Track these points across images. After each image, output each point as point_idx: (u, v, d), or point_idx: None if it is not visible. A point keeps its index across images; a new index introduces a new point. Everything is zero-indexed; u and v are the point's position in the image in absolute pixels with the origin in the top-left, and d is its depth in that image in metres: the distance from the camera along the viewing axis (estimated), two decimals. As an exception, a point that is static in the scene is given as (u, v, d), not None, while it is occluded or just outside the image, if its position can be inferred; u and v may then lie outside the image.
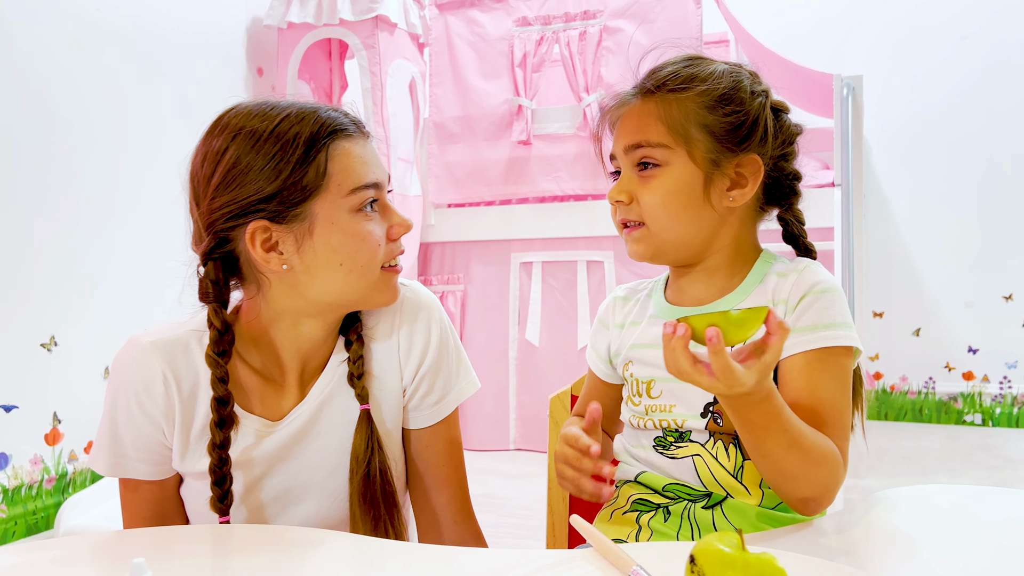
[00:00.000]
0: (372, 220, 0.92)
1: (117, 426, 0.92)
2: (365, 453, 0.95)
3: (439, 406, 1.04)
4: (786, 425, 0.80)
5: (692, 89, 0.93)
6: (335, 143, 0.90)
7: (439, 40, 3.67)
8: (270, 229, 0.89)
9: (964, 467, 3.15)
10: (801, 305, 0.91)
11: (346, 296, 0.93)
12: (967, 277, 3.94)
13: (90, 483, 2.76)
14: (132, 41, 2.99)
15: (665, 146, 0.92)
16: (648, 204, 0.93)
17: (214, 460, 0.90)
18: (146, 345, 0.92)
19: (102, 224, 2.85)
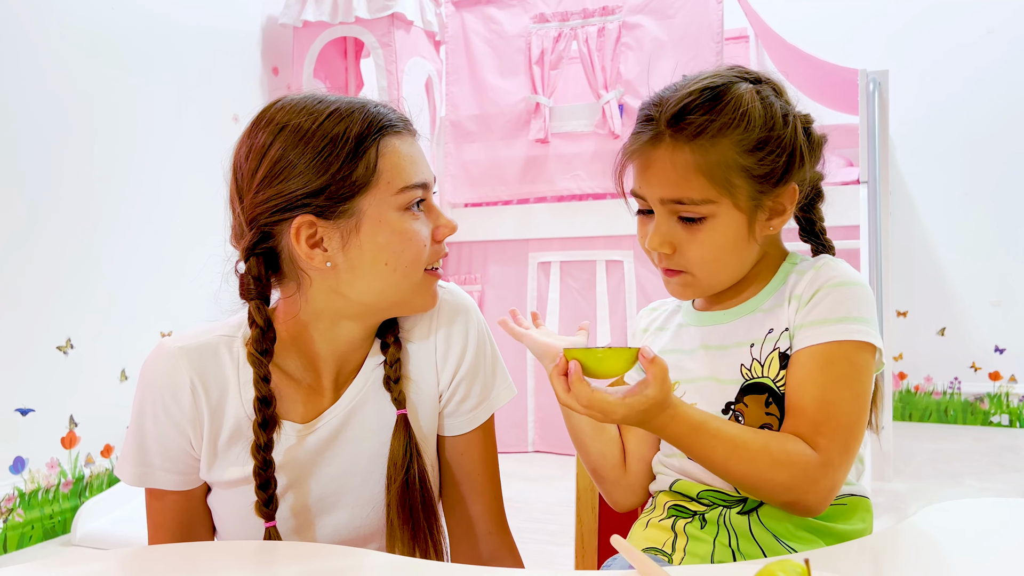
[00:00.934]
0: (419, 220, 0.90)
1: (144, 434, 0.91)
2: (404, 459, 0.93)
3: (476, 412, 1.02)
4: (714, 440, 0.83)
5: (728, 136, 0.87)
6: (385, 140, 0.88)
7: (455, 38, 3.63)
8: (316, 225, 0.87)
9: (992, 469, 3.08)
10: (813, 299, 0.89)
11: (387, 297, 0.91)
12: (992, 275, 3.86)
13: (107, 487, 2.74)
14: (147, 41, 2.97)
15: (710, 201, 0.87)
16: (695, 258, 0.89)
17: (258, 463, 0.88)
18: (174, 351, 0.90)
19: (118, 225, 2.83)
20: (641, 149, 0.90)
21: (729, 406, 0.91)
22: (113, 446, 2.81)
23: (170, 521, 0.94)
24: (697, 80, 0.90)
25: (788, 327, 0.90)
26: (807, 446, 0.83)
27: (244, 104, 3.47)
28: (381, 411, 0.96)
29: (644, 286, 3.36)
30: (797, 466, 0.82)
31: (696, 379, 0.95)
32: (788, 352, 0.89)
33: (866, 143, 2.83)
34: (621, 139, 3.32)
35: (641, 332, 1.06)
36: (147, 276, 2.95)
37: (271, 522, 0.89)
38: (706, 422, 0.83)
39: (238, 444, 0.91)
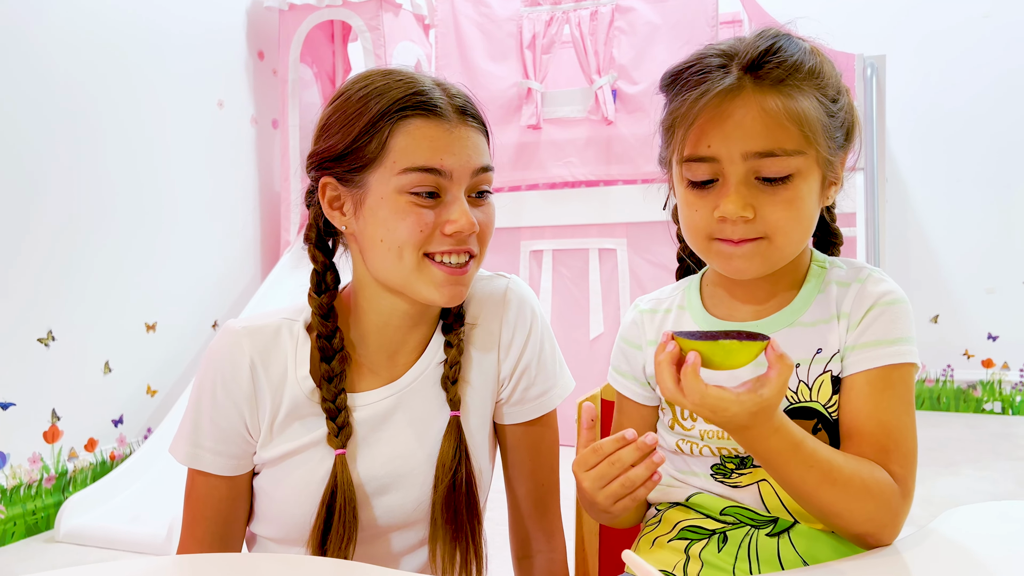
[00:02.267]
0: (424, 207, 0.88)
1: (200, 413, 0.93)
2: (452, 461, 0.93)
3: (540, 401, 1.01)
4: (810, 460, 0.75)
5: (811, 84, 0.80)
6: (408, 120, 0.87)
7: (445, 21, 3.56)
8: (337, 188, 0.91)
9: (988, 458, 3.07)
10: (867, 319, 0.83)
11: (392, 277, 0.90)
12: (986, 262, 3.84)
13: (91, 482, 2.69)
14: (130, 27, 2.89)
15: (801, 152, 0.79)
16: (779, 219, 0.80)
17: (325, 395, 0.91)
18: (237, 331, 0.93)
19: (101, 213, 2.76)
20: (714, 102, 0.79)
21: None
22: (97, 440, 2.75)
23: (208, 509, 0.95)
24: (761, 32, 0.82)
25: (839, 349, 0.84)
26: (888, 476, 0.77)
27: (229, 89, 3.39)
28: (433, 406, 0.96)
29: (638, 274, 3.32)
30: (884, 496, 0.76)
31: None
32: (840, 376, 0.83)
33: (863, 129, 2.79)
34: (615, 125, 3.28)
35: (650, 344, 0.95)
36: (131, 266, 2.88)
37: (341, 450, 0.90)
38: (804, 441, 0.75)
39: (295, 422, 0.92)
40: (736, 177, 0.79)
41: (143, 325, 2.93)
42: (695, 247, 0.86)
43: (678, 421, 0.90)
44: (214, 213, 3.27)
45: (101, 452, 2.76)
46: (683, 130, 0.81)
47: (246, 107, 3.49)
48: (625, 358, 0.98)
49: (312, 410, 0.93)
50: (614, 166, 3.32)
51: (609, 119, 3.27)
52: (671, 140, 0.85)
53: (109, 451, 2.79)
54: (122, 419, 2.85)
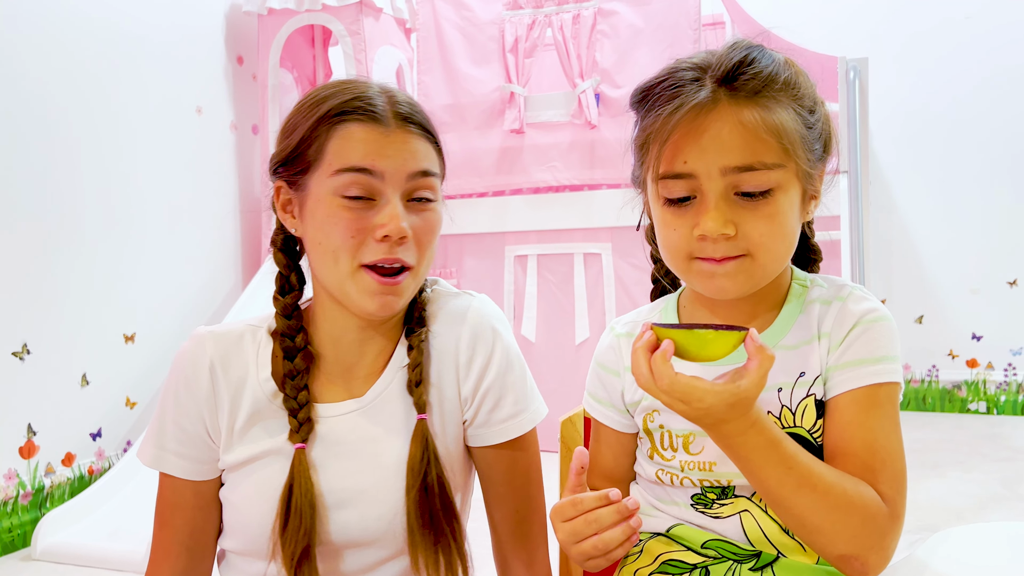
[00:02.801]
0: (356, 210, 0.87)
1: (165, 415, 0.94)
2: (421, 465, 0.91)
3: (508, 424, 0.98)
4: (789, 462, 0.72)
5: (787, 96, 0.78)
6: (346, 124, 0.88)
7: (426, 25, 3.53)
8: (288, 192, 0.93)
9: (973, 459, 3.07)
10: (849, 337, 0.80)
11: (330, 282, 0.90)
12: (970, 263, 3.85)
13: (69, 498, 2.63)
14: (105, 32, 2.84)
15: (780, 165, 0.77)
16: (761, 235, 0.77)
17: (288, 393, 0.91)
18: (202, 334, 0.95)
19: (77, 223, 2.71)
20: (688, 116, 0.76)
21: None
22: (75, 454, 2.70)
23: (175, 516, 0.95)
24: (733, 45, 0.80)
25: (821, 372, 0.81)
26: (876, 494, 0.74)
27: (208, 95, 3.35)
28: (400, 418, 0.94)
29: (623, 278, 3.30)
30: (869, 513, 0.73)
31: None
32: (823, 400, 0.81)
33: (846, 132, 2.79)
34: (598, 129, 3.26)
35: (628, 371, 0.92)
36: (109, 276, 2.83)
37: (301, 444, 0.90)
38: (783, 441, 0.73)
39: (257, 425, 0.93)
40: (715, 193, 0.77)
41: (121, 336, 2.89)
42: (675, 267, 0.83)
43: (657, 451, 0.88)
44: (193, 221, 3.22)
45: (79, 467, 2.71)
46: (657, 146, 0.78)
47: (225, 113, 3.44)
48: (602, 384, 0.95)
49: (274, 415, 0.92)
50: (598, 170, 3.30)
51: (592, 123, 3.25)
52: (645, 158, 0.83)
53: (87, 465, 2.74)
54: (100, 432, 2.80)
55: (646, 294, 1.03)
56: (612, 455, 0.95)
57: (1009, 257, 3.79)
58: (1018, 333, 3.80)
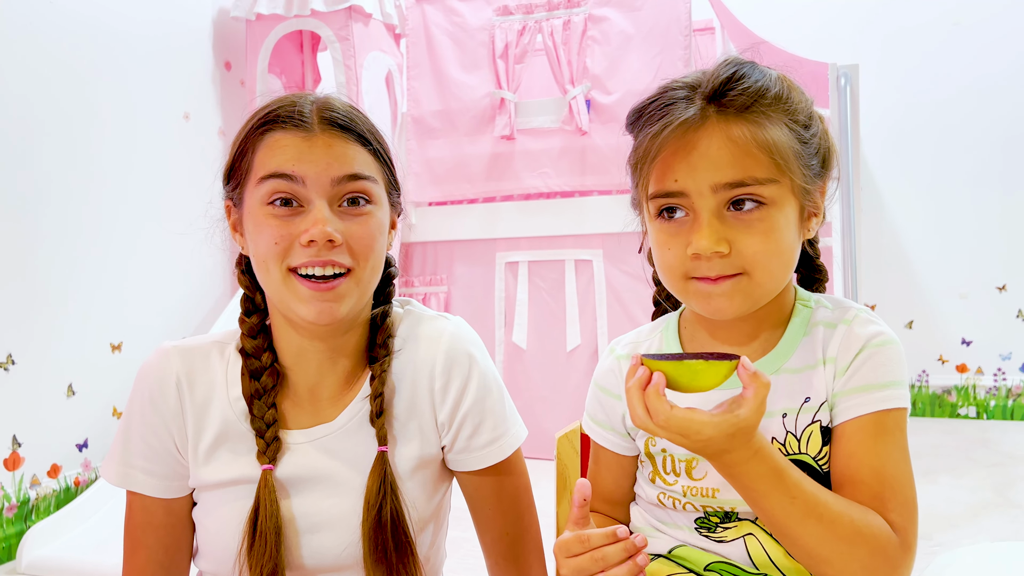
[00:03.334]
0: (280, 216, 0.86)
1: (130, 432, 0.91)
2: (377, 498, 0.89)
3: (489, 450, 0.96)
4: (794, 491, 0.70)
5: (779, 111, 0.77)
6: (272, 133, 0.87)
7: (416, 31, 3.51)
8: (233, 210, 0.93)
9: (964, 465, 3.08)
10: (856, 362, 0.79)
11: (269, 293, 0.90)
12: (960, 268, 3.86)
13: (55, 510, 2.59)
14: (91, 37, 2.81)
15: (773, 181, 0.75)
16: (756, 252, 0.76)
17: (256, 413, 0.89)
18: (168, 349, 0.93)
19: (63, 231, 2.68)
20: (676, 133, 0.76)
21: None
22: (61, 466, 2.66)
23: (148, 536, 0.92)
24: (724, 61, 0.79)
25: (827, 397, 0.80)
26: (886, 523, 0.73)
27: (195, 101, 3.32)
28: (369, 448, 0.92)
29: (614, 285, 3.29)
30: (879, 543, 0.71)
31: None
32: (829, 426, 0.79)
33: (838, 138, 2.78)
34: (589, 135, 3.25)
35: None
36: (94, 284, 2.79)
37: (268, 466, 0.88)
38: (788, 469, 0.71)
39: (224, 446, 0.90)
40: (707, 211, 0.76)
41: (108, 346, 2.85)
42: (672, 288, 0.82)
43: (659, 475, 0.86)
44: (181, 228, 3.19)
45: (65, 478, 2.67)
46: (648, 165, 0.78)
47: (213, 119, 3.41)
48: (602, 407, 0.93)
49: (242, 437, 0.91)
50: (589, 176, 3.29)
51: (583, 129, 3.24)
52: (639, 178, 0.82)
53: (73, 477, 2.70)
54: (87, 443, 2.76)
55: (638, 301, 1.02)
56: (612, 477, 0.93)
57: (998, 262, 3.80)
58: (1007, 338, 3.81)
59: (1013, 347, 3.80)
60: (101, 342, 2.83)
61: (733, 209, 0.76)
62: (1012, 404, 3.77)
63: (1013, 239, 3.78)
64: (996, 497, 2.67)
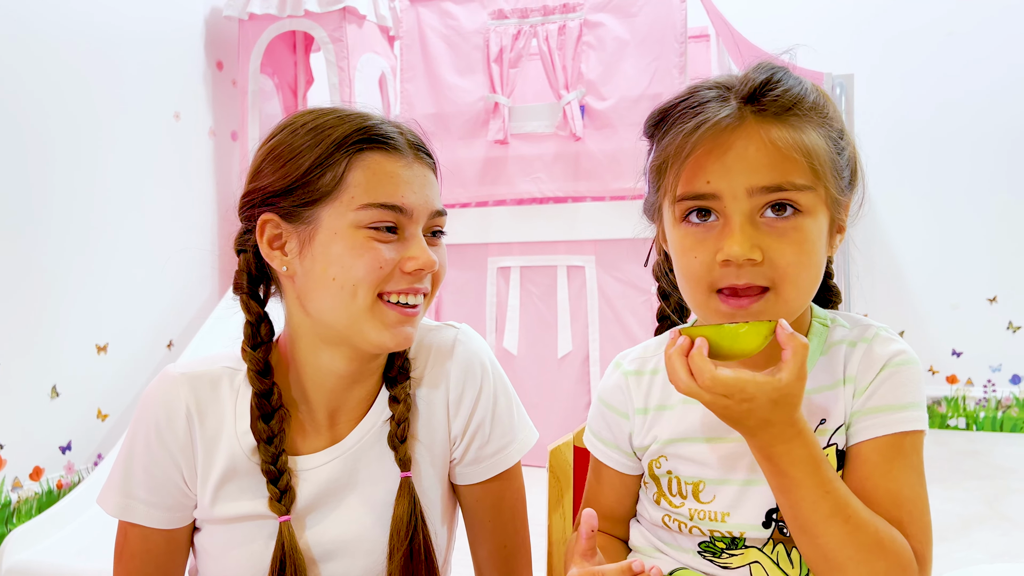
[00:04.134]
0: (383, 243, 0.83)
1: (132, 461, 0.87)
2: (408, 527, 0.88)
3: (497, 458, 0.95)
4: (827, 485, 0.68)
5: (815, 117, 0.74)
6: (366, 154, 0.84)
7: (410, 33, 3.49)
8: (280, 226, 0.86)
9: (955, 477, 3.07)
10: (876, 382, 0.76)
11: (339, 319, 0.84)
12: (951, 279, 3.87)
13: (37, 513, 2.55)
14: (80, 33, 2.77)
15: (810, 188, 0.73)
16: (789, 263, 0.72)
17: (264, 457, 0.85)
18: (175, 376, 0.88)
19: (49, 230, 2.64)
20: (712, 132, 0.72)
21: (771, 515, 0.78)
22: (43, 468, 2.62)
23: (146, 565, 0.88)
24: (758, 66, 0.76)
25: (844, 419, 0.77)
26: (908, 543, 0.71)
27: (187, 101, 3.28)
28: (383, 465, 0.91)
29: (606, 292, 3.27)
30: (899, 560, 0.69)
31: (725, 480, 0.79)
32: (844, 449, 0.77)
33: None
34: (583, 141, 3.23)
35: (640, 414, 0.87)
36: (81, 284, 2.76)
37: (285, 516, 0.85)
38: (824, 461, 0.69)
39: (233, 481, 0.87)
40: (740, 215, 0.72)
41: (93, 346, 2.81)
42: (693, 301, 0.77)
43: (665, 496, 0.84)
44: (169, 229, 3.15)
45: (48, 481, 2.63)
46: (677, 165, 0.73)
47: (204, 119, 3.38)
48: (607, 425, 0.90)
49: (251, 472, 0.87)
50: (582, 182, 3.28)
51: (577, 135, 3.22)
52: (662, 181, 0.77)
53: (56, 480, 2.66)
54: (70, 445, 2.72)
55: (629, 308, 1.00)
56: (615, 496, 0.91)
57: (989, 273, 3.81)
58: (997, 349, 3.81)
59: (1003, 359, 3.81)
60: (86, 343, 2.79)
61: (767, 215, 0.73)
62: (1002, 416, 3.78)
63: (1004, 250, 3.78)
64: (986, 510, 2.66)
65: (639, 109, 3.17)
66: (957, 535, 2.44)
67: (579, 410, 3.25)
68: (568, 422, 3.15)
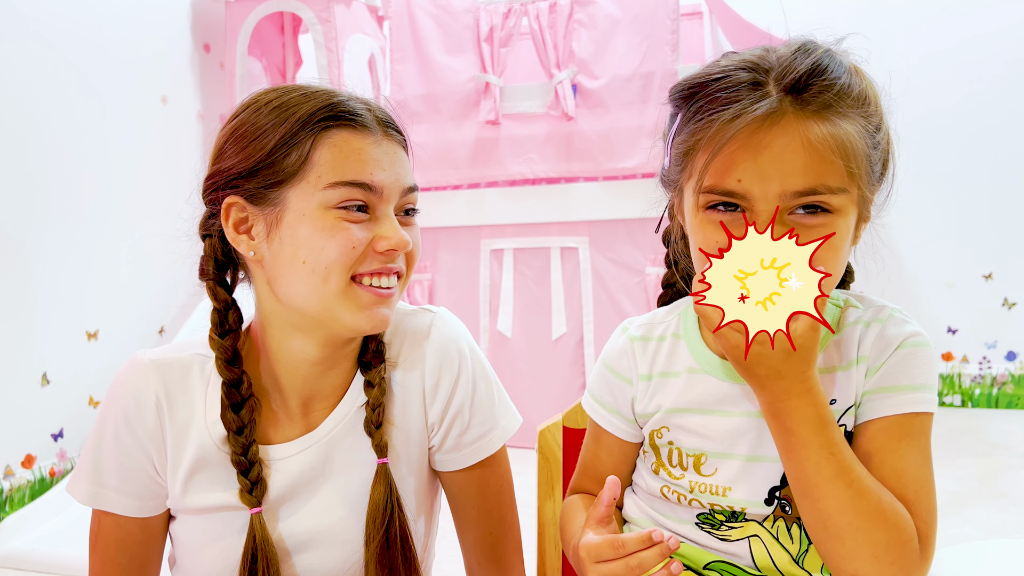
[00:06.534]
0: (354, 222, 0.80)
1: (102, 449, 0.85)
2: (384, 514, 0.86)
3: (479, 444, 0.93)
4: (833, 447, 0.67)
5: (857, 113, 0.71)
6: (332, 132, 0.80)
7: (399, 13, 3.45)
8: (246, 209, 0.83)
9: (950, 455, 3.07)
10: (889, 361, 0.75)
11: (311, 303, 0.81)
12: (945, 256, 3.85)
13: (29, 501, 2.55)
14: (65, 16, 2.73)
15: (844, 190, 0.70)
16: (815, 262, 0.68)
17: (235, 449, 0.83)
18: (145, 363, 0.86)
19: (36, 215, 2.61)
20: (748, 129, 0.68)
21: (773, 492, 0.76)
22: (35, 456, 2.61)
23: (120, 554, 0.86)
24: (801, 47, 0.72)
25: (855, 399, 0.76)
26: (912, 519, 0.70)
27: (174, 84, 3.25)
28: (359, 453, 0.88)
29: (600, 273, 3.25)
30: (900, 534, 0.68)
31: (730, 455, 0.78)
32: (852, 431, 0.76)
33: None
34: (575, 121, 3.20)
35: (644, 380, 0.85)
36: (70, 271, 2.73)
37: (256, 508, 0.83)
38: (832, 423, 0.68)
39: (203, 471, 0.85)
40: (769, 215, 0.69)
41: (84, 333, 2.79)
42: None
43: (664, 467, 0.82)
44: (158, 213, 3.12)
45: (40, 469, 2.62)
46: (707, 156, 0.70)
47: (192, 102, 3.34)
48: (609, 389, 0.88)
49: (221, 463, 0.85)
50: (575, 163, 3.25)
51: (569, 115, 3.19)
52: (687, 164, 0.74)
53: (48, 467, 2.65)
54: (62, 433, 2.71)
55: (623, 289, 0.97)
56: (612, 462, 0.89)
57: (984, 250, 3.80)
58: (993, 326, 3.81)
59: (998, 335, 3.80)
60: (76, 330, 2.77)
61: (797, 213, 0.70)
62: (997, 392, 3.78)
63: (1000, 227, 3.77)
64: (982, 487, 2.66)
65: (631, 88, 3.14)
66: (952, 512, 2.44)
67: (573, 392, 3.24)
68: (562, 404, 3.14)
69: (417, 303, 3.46)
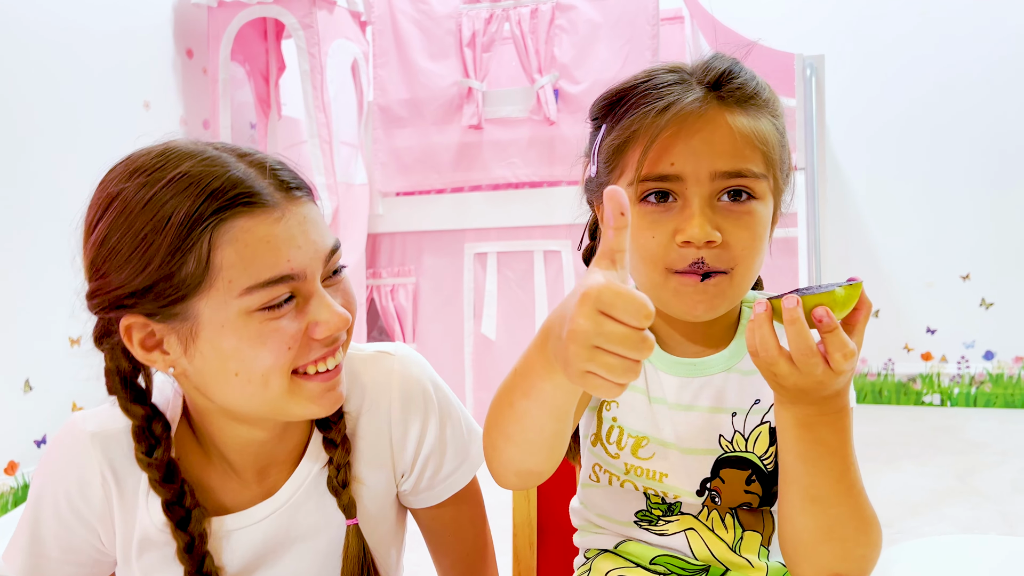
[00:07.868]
0: (283, 317, 0.70)
1: (39, 523, 0.78)
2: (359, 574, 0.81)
3: (452, 479, 0.91)
4: (854, 456, 0.69)
5: (769, 110, 0.77)
6: (229, 223, 0.68)
7: (382, 18, 3.46)
8: (150, 325, 0.72)
9: (928, 452, 3.12)
10: None
11: (253, 407, 0.73)
12: (924, 257, 3.90)
13: (12, 507, 2.54)
14: (47, 22, 2.73)
15: (764, 177, 0.75)
16: (744, 246, 0.74)
17: (187, 567, 0.76)
18: (85, 437, 0.78)
19: (15, 222, 2.61)
20: (679, 118, 0.73)
21: (704, 484, 0.79)
22: (18, 463, 2.61)
23: None
24: (714, 56, 0.78)
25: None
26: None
27: (156, 90, 3.25)
28: (325, 514, 0.82)
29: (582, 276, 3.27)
30: (878, 534, 0.72)
31: (669, 444, 0.80)
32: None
33: (803, 129, 2.79)
34: (557, 125, 3.23)
35: None
36: (52, 277, 2.73)
37: None
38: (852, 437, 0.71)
39: (151, 551, 0.78)
40: (700, 198, 0.73)
41: (66, 339, 2.79)
42: (646, 281, 0.77)
43: (602, 441, 0.83)
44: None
45: (23, 475, 2.62)
46: (643, 147, 0.74)
47: (174, 108, 3.34)
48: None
49: (169, 542, 0.77)
50: (557, 167, 3.28)
51: (551, 119, 3.22)
52: (618, 162, 0.77)
53: (31, 474, 2.64)
54: (45, 439, 2.71)
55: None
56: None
57: (962, 251, 3.85)
58: (971, 326, 3.86)
59: (976, 335, 3.85)
60: (59, 336, 2.76)
61: (723, 200, 0.74)
62: (975, 391, 3.83)
63: (977, 228, 3.82)
64: (959, 484, 2.70)
65: (612, 92, 3.17)
66: (929, 509, 2.48)
67: (557, 394, 3.26)
68: (546, 406, 3.16)
69: (401, 308, 3.49)
